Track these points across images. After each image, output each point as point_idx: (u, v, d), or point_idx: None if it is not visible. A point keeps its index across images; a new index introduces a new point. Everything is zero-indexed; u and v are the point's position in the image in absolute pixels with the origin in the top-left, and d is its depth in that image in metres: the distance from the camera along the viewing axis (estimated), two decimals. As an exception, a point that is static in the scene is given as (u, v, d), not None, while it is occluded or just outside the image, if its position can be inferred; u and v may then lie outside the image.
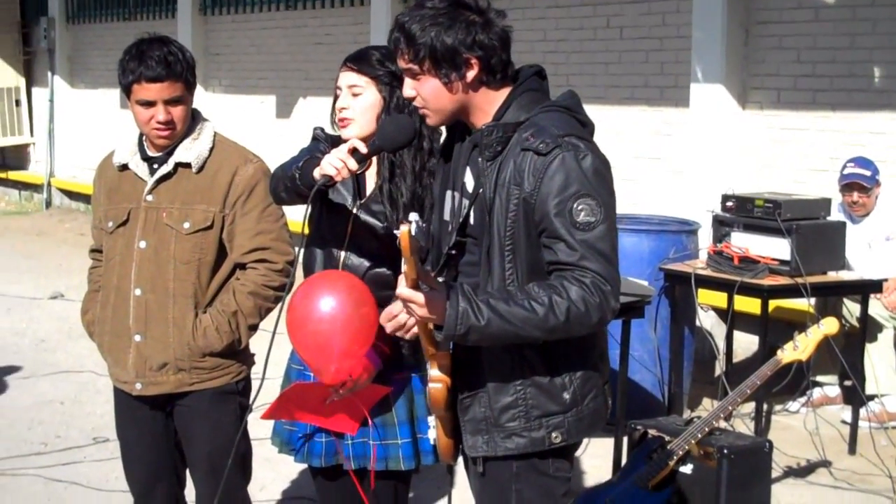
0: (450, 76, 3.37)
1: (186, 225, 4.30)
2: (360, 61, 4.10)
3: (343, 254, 4.15)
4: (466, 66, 3.37)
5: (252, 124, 14.30)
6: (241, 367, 4.47)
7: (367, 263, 4.13)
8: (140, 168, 4.39)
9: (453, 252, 3.50)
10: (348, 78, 4.10)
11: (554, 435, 3.47)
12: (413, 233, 3.07)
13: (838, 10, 9.08)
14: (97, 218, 4.53)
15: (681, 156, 10.09)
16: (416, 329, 3.66)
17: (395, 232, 3.06)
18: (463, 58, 3.35)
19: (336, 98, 4.15)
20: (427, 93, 3.42)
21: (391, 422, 4.17)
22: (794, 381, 7.24)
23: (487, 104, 3.45)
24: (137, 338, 4.35)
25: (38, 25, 18.82)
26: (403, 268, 3.13)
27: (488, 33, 3.37)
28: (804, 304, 7.34)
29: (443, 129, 3.70)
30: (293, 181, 3.90)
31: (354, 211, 4.13)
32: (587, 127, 3.47)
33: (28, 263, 13.82)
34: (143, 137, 4.42)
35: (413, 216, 3.18)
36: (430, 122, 3.51)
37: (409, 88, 3.47)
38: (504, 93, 3.45)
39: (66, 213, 18.08)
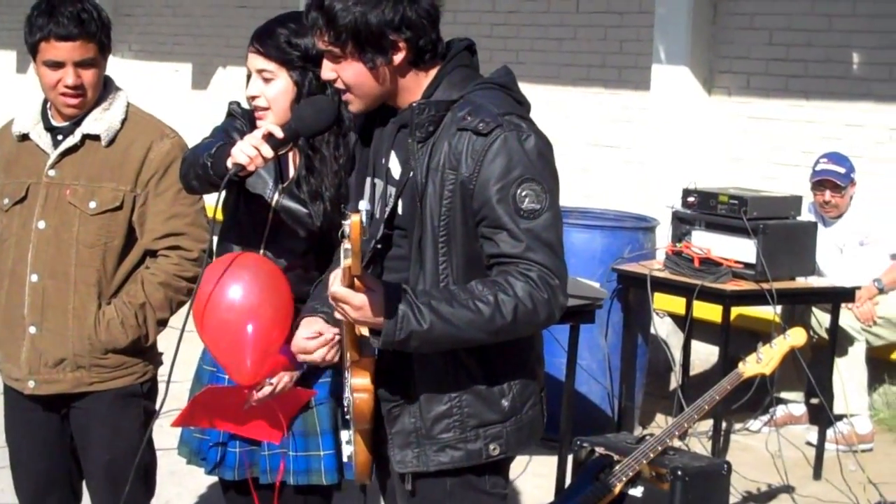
0: (375, 61, 3.36)
1: (92, 204, 4.27)
2: (265, 43, 4.02)
3: (262, 247, 4.14)
4: (393, 49, 3.36)
5: (165, 95, 14.20)
6: (146, 367, 4.44)
7: (289, 255, 4.12)
8: (42, 139, 4.35)
9: (378, 246, 3.49)
10: (256, 62, 4.04)
11: (492, 447, 3.48)
12: (364, 223, 3.02)
13: (816, -11, 9.17)
14: (-9, 194, 4.48)
15: (639, 145, 10.14)
16: (332, 353, 3.67)
17: (345, 223, 2.96)
18: (390, 40, 3.34)
19: (248, 79, 4.11)
20: (350, 77, 3.40)
21: (313, 431, 4.16)
22: (757, 398, 7.31)
23: (415, 85, 3.44)
24: (32, 329, 4.31)
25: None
26: (344, 262, 3.07)
27: (416, 10, 3.35)
28: (769, 312, 7.39)
29: None
30: (205, 169, 3.86)
31: (276, 197, 4.11)
32: (524, 105, 3.48)
33: None
34: (48, 105, 4.38)
35: (363, 204, 3.14)
36: (354, 108, 3.49)
37: (328, 71, 3.44)
38: (433, 71, 3.45)
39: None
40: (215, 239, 4.21)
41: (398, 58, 3.37)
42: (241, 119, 4.18)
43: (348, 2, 3.31)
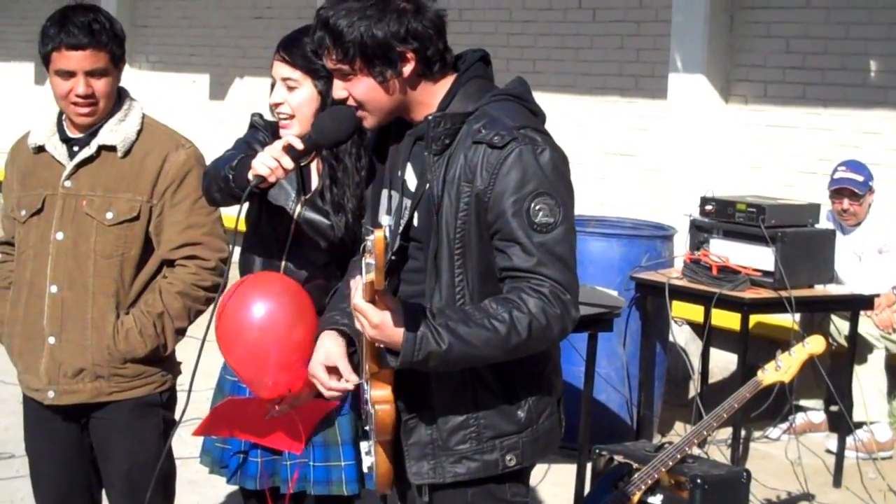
0: (385, 74, 3.36)
1: (109, 215, 4.27)
2: (292, 52, 4.05)
3: (284, 258, 4.14)
4: (402, 60, 3.36)
5: (183, 106, 14.23)
6: (165, 377, 4.43)
7: (310, 267, 4.12)
8: (58, 150, 4.35)
9: (394, 258, 3.48)
10: (281, 70, 4.07)
11: (508, 458, 3.46)
12: (387, 238, 3.01)
13: (833, -3, 9.15)
14: (9, 206, 4.48)
15: (656, 153, 10.12)
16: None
17: (369, 238, 2.96)
18: (397, 52, 3.34)
19: (273, 87, 4.12)
20: (361, 94, 3.40)
21: (334, 441, 4.16)
22: (776, 405, 7.28)
23: (429, 97, 3.44)
24: (51, 340, 4.31)
25: (-57, -11, 18.66)
26: (366, 277, 3.05)
27: (422, 21, 3.35)
28: (788, 320, 7.38)
29: None
30: (226, 182, 3.88)
31: (298, 209, 4.11)
32: (539, 116, 3.47)
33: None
34: (63, 116, 4.38)
35: (386, 219, 3.14)
36: (368, 124, 3.50)
37: (339, 90, 3.45)
38: (446, 83, 3.45)
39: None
40: (237, 250, 4.21)
41: (407, 69, 3.36)
42: (263, 131, 4.19)
43: (353, 18, 3.31)
